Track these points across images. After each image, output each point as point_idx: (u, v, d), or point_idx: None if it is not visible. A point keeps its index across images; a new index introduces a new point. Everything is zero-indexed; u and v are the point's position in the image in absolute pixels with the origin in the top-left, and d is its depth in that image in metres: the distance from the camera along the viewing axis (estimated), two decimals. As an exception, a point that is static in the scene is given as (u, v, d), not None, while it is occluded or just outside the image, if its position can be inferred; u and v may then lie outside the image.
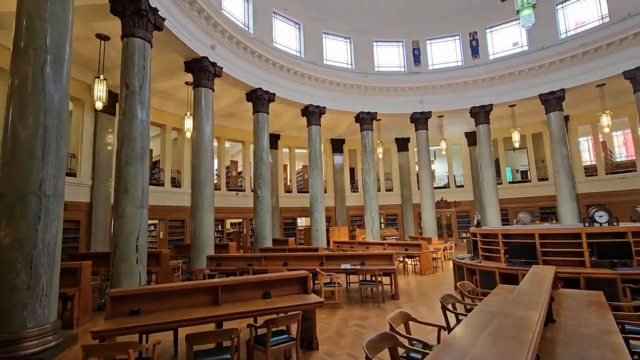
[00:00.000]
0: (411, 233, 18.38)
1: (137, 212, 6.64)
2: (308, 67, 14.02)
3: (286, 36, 14.18)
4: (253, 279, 4.26)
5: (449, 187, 19.49)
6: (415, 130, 15.92)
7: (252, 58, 12.11)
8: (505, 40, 15.50)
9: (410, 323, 3.26)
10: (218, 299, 3.96)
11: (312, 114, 14.15)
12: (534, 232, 5.60)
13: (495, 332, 1.78)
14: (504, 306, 2.44)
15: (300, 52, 14.44)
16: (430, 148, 16.33)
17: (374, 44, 16.31)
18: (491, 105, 15.09)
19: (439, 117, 16.46)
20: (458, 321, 3.60)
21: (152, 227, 14.47)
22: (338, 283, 6.02)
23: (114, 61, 8.89)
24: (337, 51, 15.64)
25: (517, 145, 15.94)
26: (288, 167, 19.03)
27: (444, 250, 10.83)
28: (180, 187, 14.33)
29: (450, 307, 3.73)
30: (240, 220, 16.96)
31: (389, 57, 16.43)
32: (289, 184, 18.80)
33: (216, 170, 16.25)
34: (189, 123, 10.96)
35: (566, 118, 15.63)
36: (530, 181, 18.38)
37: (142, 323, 3.31)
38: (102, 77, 8.55)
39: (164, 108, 13.70)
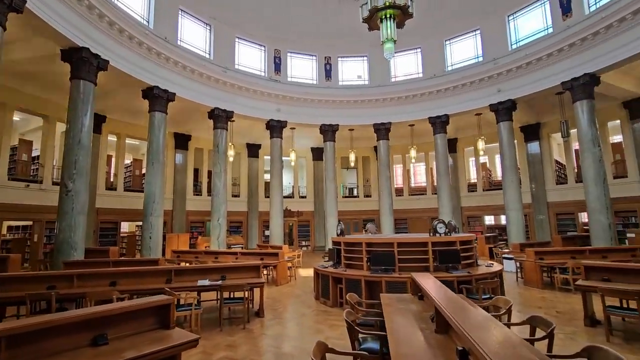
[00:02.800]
0: (256, 241, 17.96)
1: None
2: (157, 42, 11.72)
3: (131, -4, 11.45)
4: (77, 316, 2.67)
5: (293, 197, 20.29)
6: (271, 138, 15.82)
7: (77, 5, 9.02)
8: (352, 71, 17.66)
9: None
10: None
11: (157, 98, 11.80)
12: (393, 241, 6.15)
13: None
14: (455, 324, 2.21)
15: (148, 22, 11.94)
16: (280, 158, 16.53)
17: (236, 40, 15.40)
18: (338, 125, 16.70)
19: (291, 128, 16.93)
20: (359, 342, 3.26)
21: None
22: (196, 305, 4.78)
23: None
24: (195, 35, 13.86)
25: (352, 164, 18.21)
26: (114, 158, 15.25)
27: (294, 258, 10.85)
28: None
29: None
30: (30, 222, 12.20)
31: (251, 58, 15.86)
32: (112, 179, 15.02)
33: (-9, 149, 11.32)
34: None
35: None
36: (358, 197, 21.33)
37: None
38: None
39: None
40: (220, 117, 13.96)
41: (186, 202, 16.56)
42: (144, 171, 16.13)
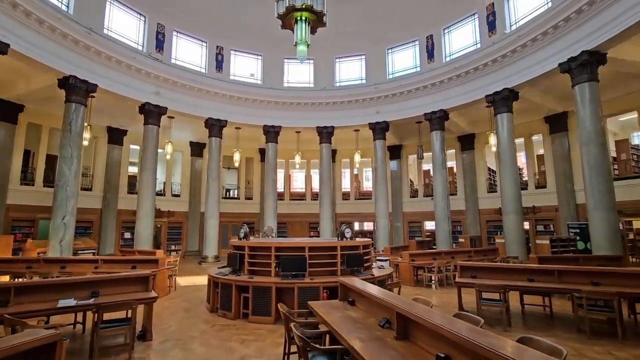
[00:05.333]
0: (111, 245, 14.84)
1: None
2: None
3: None
4: None
5: (164, 195, 17.80)
6: (145, 124, 13.50)
7: None
8: (245, 68, 16.94)
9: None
10: None
11: (-23, 45, 8.44)
12: (305, 246, 5.99)
13: None
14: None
15: (-28, -64, 8.47)
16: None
17: (108, 1, 12.62)
18: (226, 121, 15.64)
19: (169, 117, 14.94)
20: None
21: None
22: (64, 336, 3.41)
23: None
24: (48, -24, 10.61)
25: (237, 164, 17.38)
26: None
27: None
28: None
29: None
30: None
31: (127, 26, 13.29)
32: None
33: None
34: None
35: (274, 150, 18.89)
36: (239, 198, 20.43)
37: None
38: None
39: None
40: (76, 89, 11.03)
41: (8, 193, 12.32)
42: None
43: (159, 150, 14.54)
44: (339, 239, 6.38)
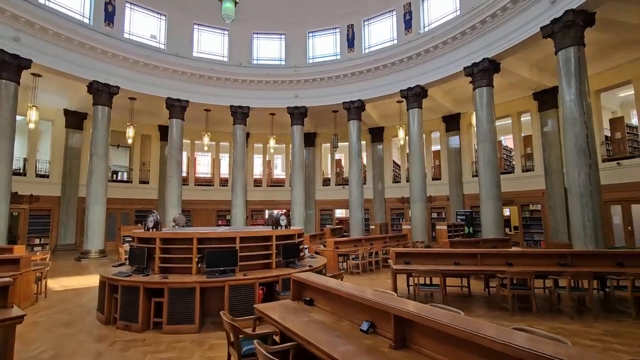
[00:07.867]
0: None
1: None
2: None
3: None
4: None
5: (25, 175, 13.86)
6: (-4, 79, 10.07)
7: None
8: (145, 27, 14.28)
9: None
10: None
11: None
12: (235, 236, 5.04)
13: None
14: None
15: None
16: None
17: None
18: (118, 87, 12.93)
19: (34, 74, 11.61)
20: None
21: None
22: None
23: None
24: None
25: (130, 141, 14.68)
26: None
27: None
28: None
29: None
30: None
31: (-35, -64, 9.52)
32: None
33: None
34: None
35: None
36: (131, 182, 17.43)
37: None
38: None
39: None
40: None
41: None
42: None
43: (19, 118, 11.16)
44: (274, 227, 5.66)
